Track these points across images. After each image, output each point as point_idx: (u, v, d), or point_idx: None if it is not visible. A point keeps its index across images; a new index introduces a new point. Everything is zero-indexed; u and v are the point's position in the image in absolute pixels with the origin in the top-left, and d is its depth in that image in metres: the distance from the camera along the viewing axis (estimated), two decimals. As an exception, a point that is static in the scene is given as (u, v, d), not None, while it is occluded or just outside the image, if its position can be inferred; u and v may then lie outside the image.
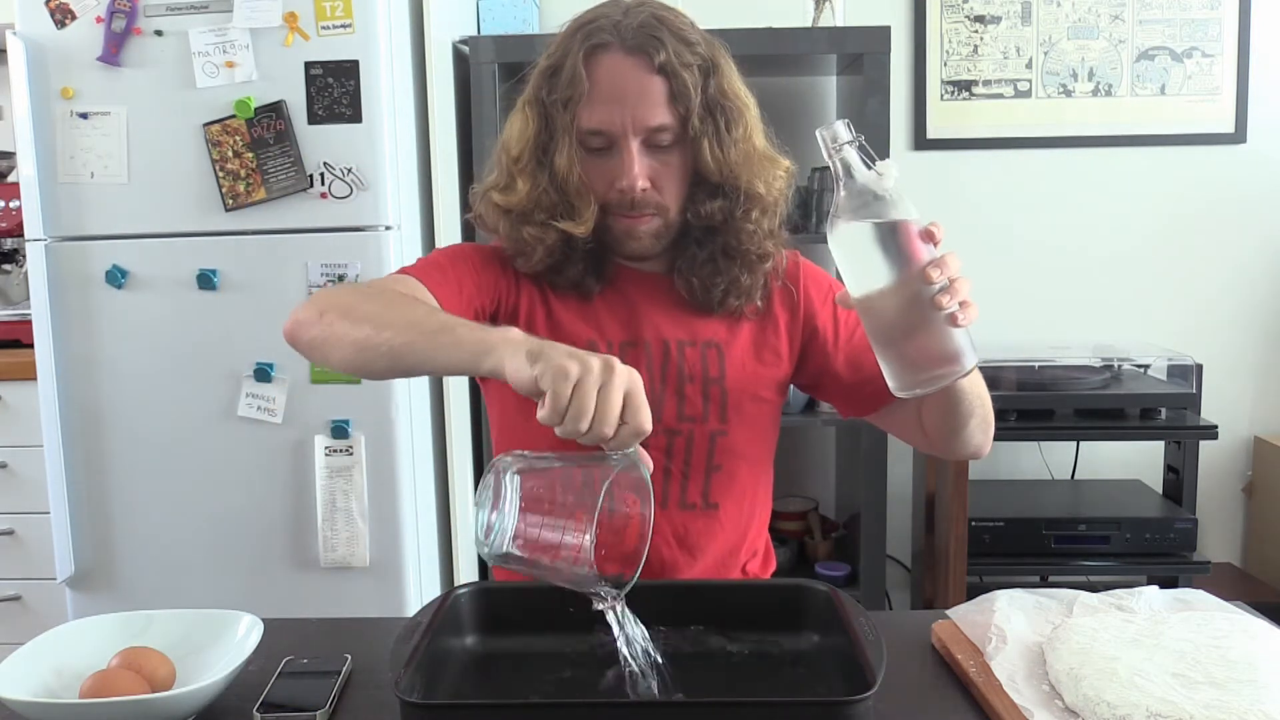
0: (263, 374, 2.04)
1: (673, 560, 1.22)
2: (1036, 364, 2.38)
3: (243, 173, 2.01)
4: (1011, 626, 0.96)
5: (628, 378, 0.83)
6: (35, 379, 2.09)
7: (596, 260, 1.23)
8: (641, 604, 1.00)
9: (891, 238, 0.92)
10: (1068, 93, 2.67)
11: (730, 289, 1.22)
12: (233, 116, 2.00)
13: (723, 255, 1.20)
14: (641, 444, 0.92)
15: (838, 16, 2.32)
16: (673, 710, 0.81)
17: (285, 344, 1.05)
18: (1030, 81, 2.67)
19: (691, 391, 1.22)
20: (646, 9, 1.16)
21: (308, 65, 1.98)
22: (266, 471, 2.08)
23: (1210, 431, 2.31)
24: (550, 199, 1.17)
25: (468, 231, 2.21)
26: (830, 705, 0.80)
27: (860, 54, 2.25)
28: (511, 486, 0.86)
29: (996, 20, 2.65)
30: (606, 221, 1.19)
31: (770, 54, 2.27)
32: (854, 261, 0.95)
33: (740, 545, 1.28)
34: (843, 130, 0.93)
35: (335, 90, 1.99)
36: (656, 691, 0.86)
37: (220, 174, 2.02)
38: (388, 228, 2.03)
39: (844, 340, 1.28)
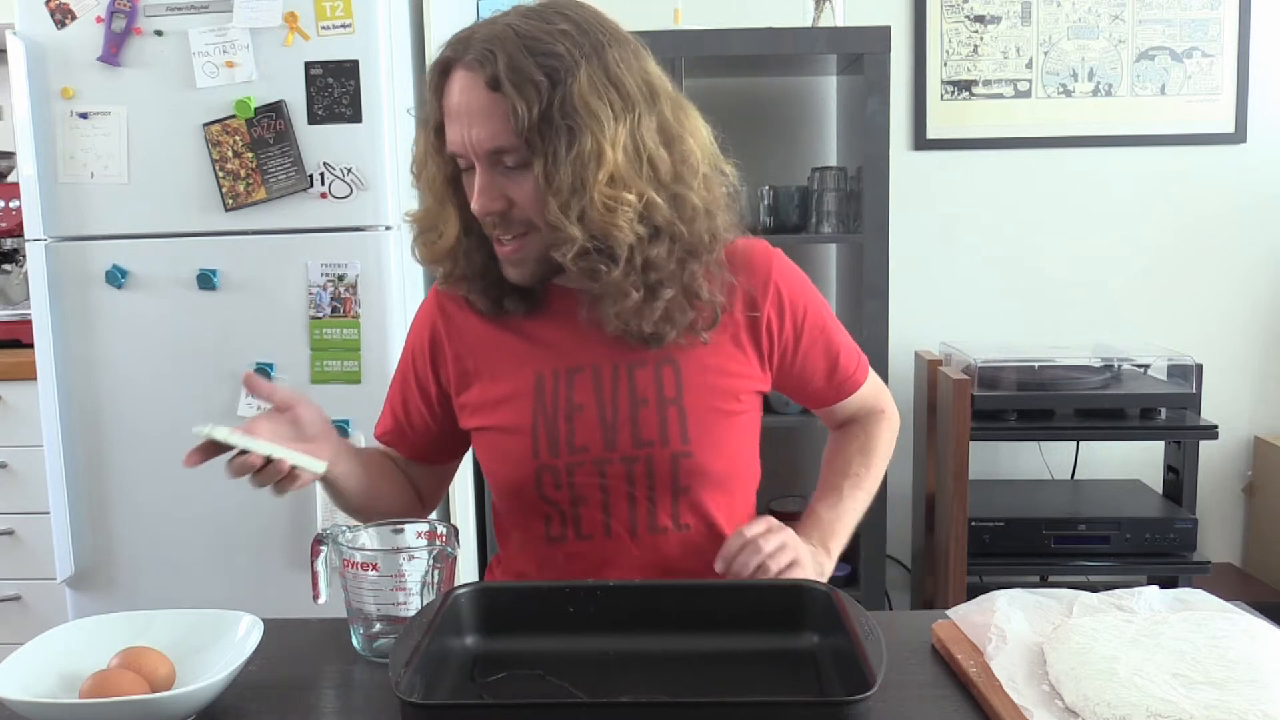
0: (263, 374, 2.03)
1: None
2: (1036, 364, 2.38)
3: (243, 173, 2.01)
4: (1011, 626, 0.96)
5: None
6: (35, 379, 2.09)
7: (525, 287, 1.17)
8: (642, 604, 1.00)
9: None
10: (1068, 93, 2.67)
11: (642, 321, 1.11)
12: (233, 116, 2.00)
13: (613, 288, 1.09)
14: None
15: (838, 16, 2.32)
16: (672, 710, 0.81)
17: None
18: (1030, 81, 2.67)
19: (646, 415, 1.15)
20: (514, 15, 1.06)
21: (308, 65, 1.98)
22: (266, 471, 2.08)
23: (1210, 431, 2.31)
24: (429, 219, 1.15)
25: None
26: (830, 705, 0.80)
27: (860, 54, 2.25)
28: None
29: (996, 20, 2.65)
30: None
31: (770, 54, 2.27)
32: None
33: None
34: None
35: (335, 90, 1.99)
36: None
37: (220, 174, 2.02)
38: (388, 228, 2.03)
39: (805, 344, 1.23)
